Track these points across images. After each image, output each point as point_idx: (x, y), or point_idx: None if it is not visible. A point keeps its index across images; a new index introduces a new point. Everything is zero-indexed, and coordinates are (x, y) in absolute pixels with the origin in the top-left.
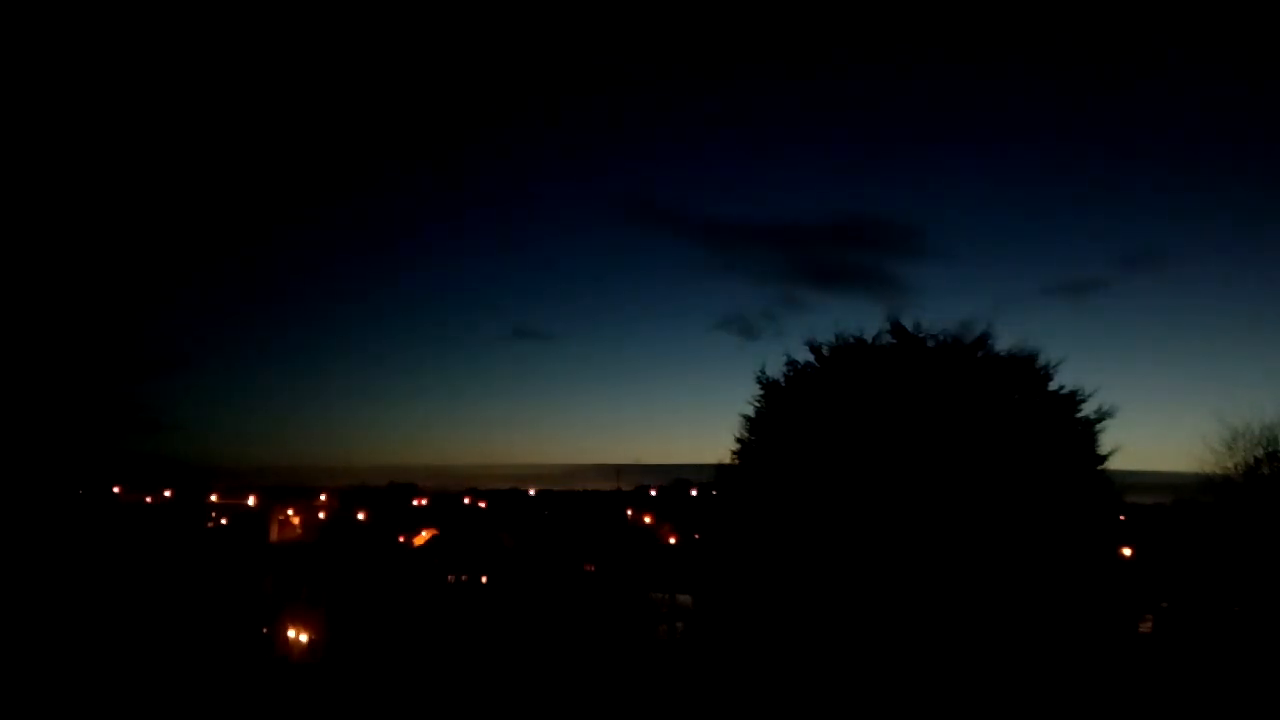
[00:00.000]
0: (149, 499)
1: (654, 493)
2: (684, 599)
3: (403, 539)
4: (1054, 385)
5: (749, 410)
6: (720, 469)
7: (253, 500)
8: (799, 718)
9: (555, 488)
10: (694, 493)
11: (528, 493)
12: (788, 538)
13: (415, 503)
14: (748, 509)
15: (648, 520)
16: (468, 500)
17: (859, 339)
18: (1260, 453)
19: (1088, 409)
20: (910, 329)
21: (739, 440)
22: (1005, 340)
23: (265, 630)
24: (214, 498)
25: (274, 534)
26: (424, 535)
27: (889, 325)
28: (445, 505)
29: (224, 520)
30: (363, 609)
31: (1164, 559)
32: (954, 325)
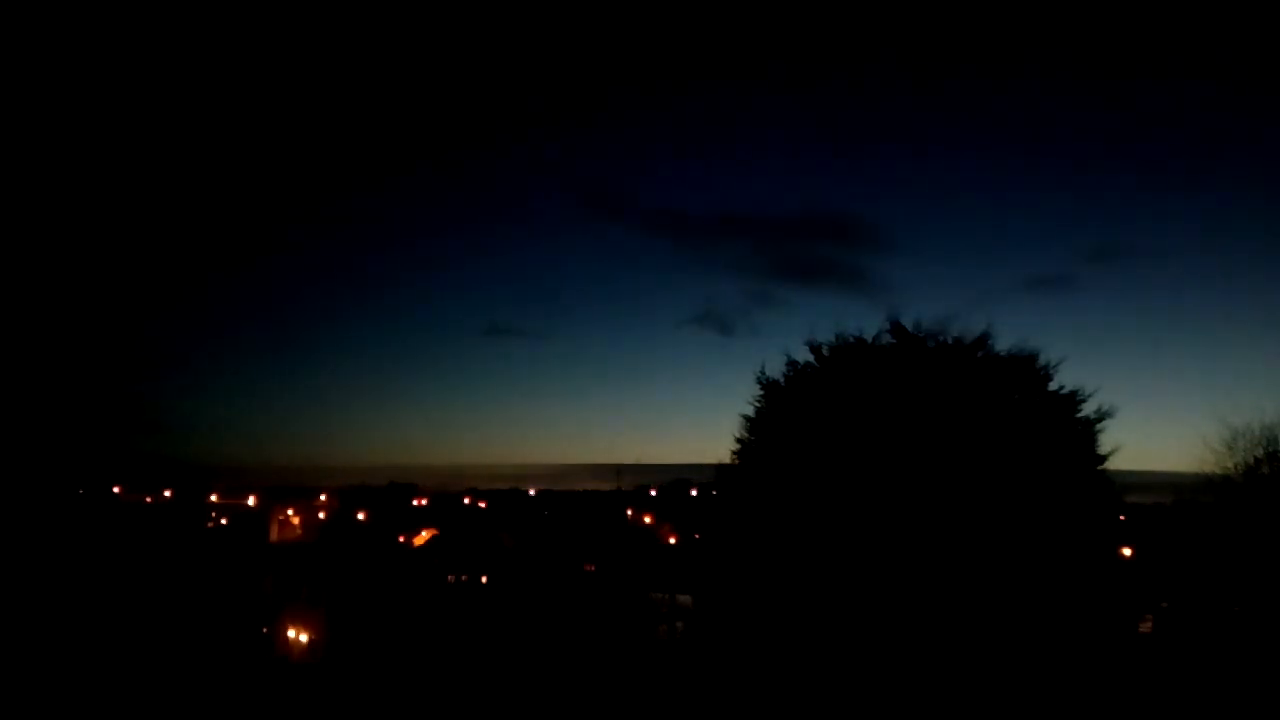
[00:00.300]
0: (149, 499)
1: (654, 493)
2: (684, 599)
3: (403, 539)
4: (1054, 385)
5: (746, 409)
6: (720, 469)
7: (253, 500)
8: (799, 717)
9: (555, 487)
10: (694, 493)
11: (528, 493)
12: (788, 538)
13: (415, 503)
14: (748, 509)
15: (648, 520)
16: (468, 500)
17: (859, 339)
18: (1260, 453)
19: (1088, 409)
20: (910, 329)
21: (739, 440)
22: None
23: (265, 630)
24: (214, 498)
25: (274, 534)
26: (424, 535)
27: (889, 325)
28: (445, 505)
29: (224, 520)
30: (363, 609)
31: (1164, 559)
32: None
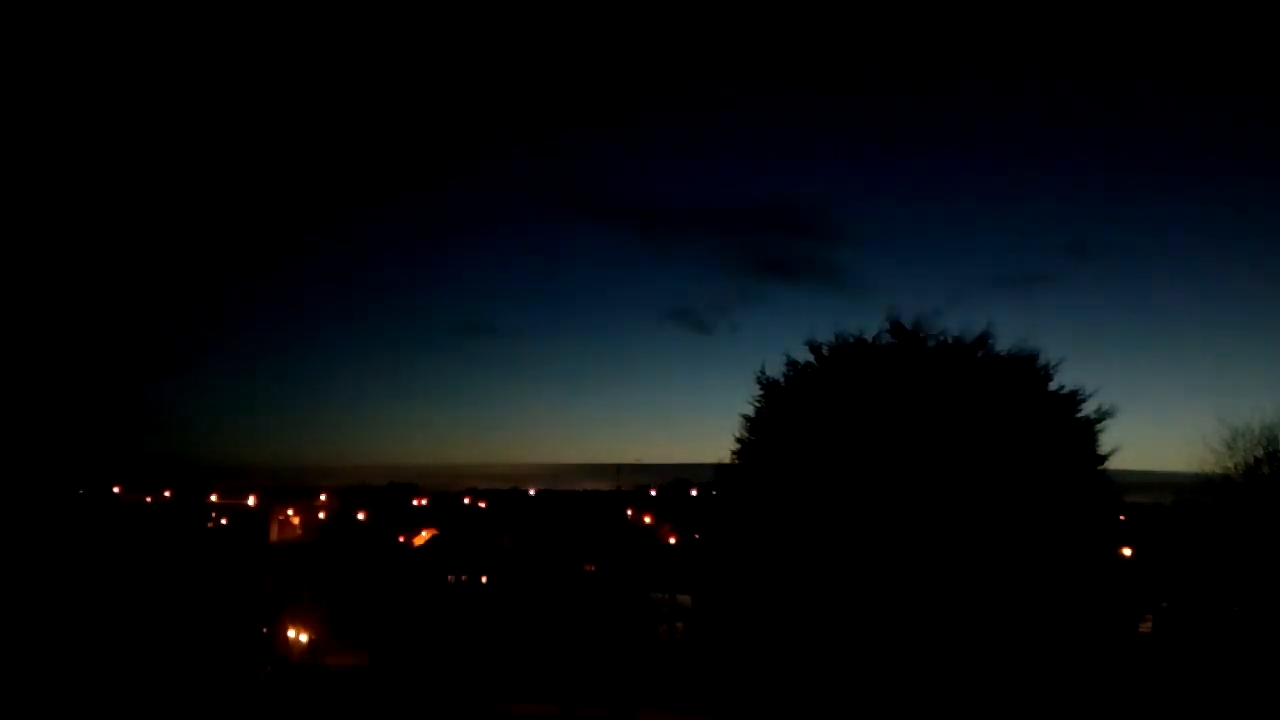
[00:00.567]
0: (149, 499)
1: (654, 493)
2: (684, 599)
3: (403, 539)
4: (1054, 385)
5: (733, 407)
6: (720, 469)
7: (253, 500)
8: (799, 717)
9: (554, 487)
10: (694, 493)
11: (528, 493)
12: (788, 538)
13: (415, 503)
14: (748, 509)
15: (648, 520)
16: (468, 500)
17: (859, 339)
18: (1260, 453)
19: (1088, 409)
20: (910, 329)
21: (739, 440)
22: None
23: (265, 630)
24: (214, 498)
25: (274, 534)
26: (424, 535)
27: (889, 325)
28: (445, 505)
29: (224, 520)
30: (363, 609)
31: (1164, 559)
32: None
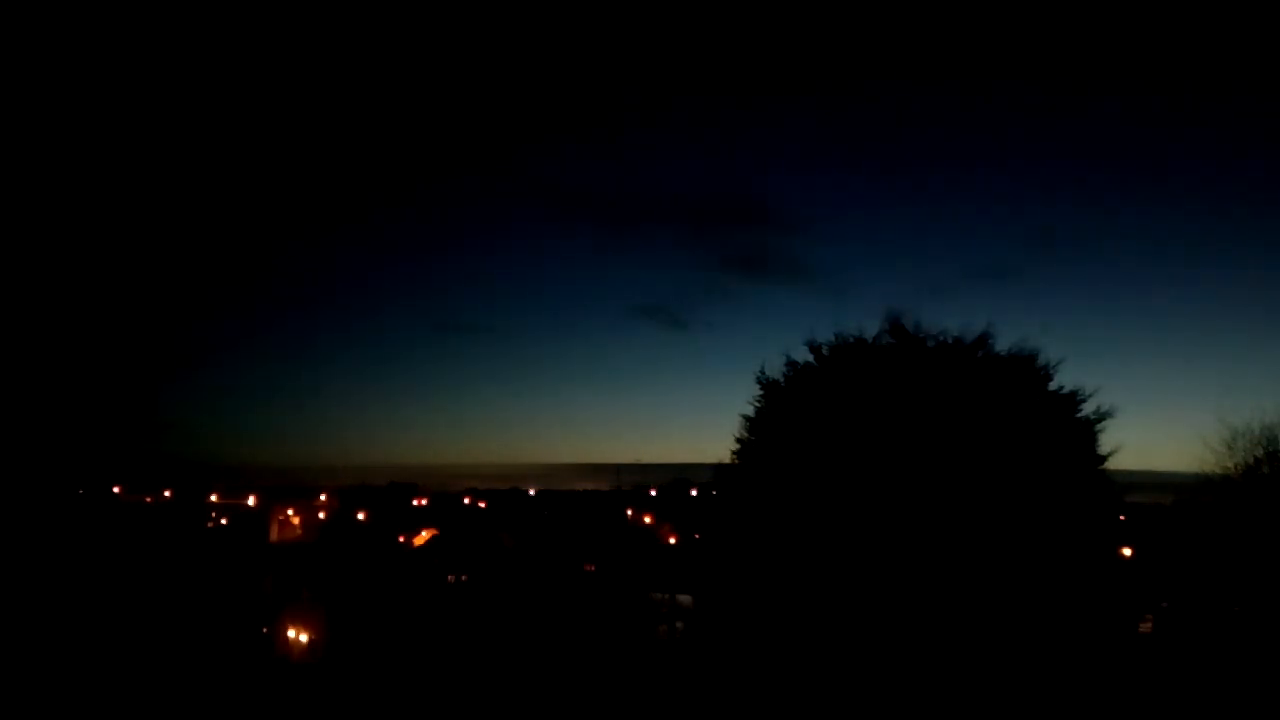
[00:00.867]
0: (149, 499)
1: (654, 493)
2: (684, 599)
3: (403, 539)
4: (1054, 385)
5: (729, 405)
6: (720, 469)
7: (253, 500)
8: (799, 718)
9: (554, 487)
10: (694, 493)
11: (528, 493)
12: (788, 538)
13: (415, 503)
14: (748, 509)
15: (648, 520)
16: (468, 500)
17: (859, 339)
18: (1260, 453)
19: (1088, 409)
20: (910, 329)
21: (739, 440)
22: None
23: (265, 630)
24: (214, 498)
25: (274, 534)
26: (424, 535)
27: (888, 325)
28: (445, 505)
29: (224, 520)
30: (363, 609)
31: (1164, 559)
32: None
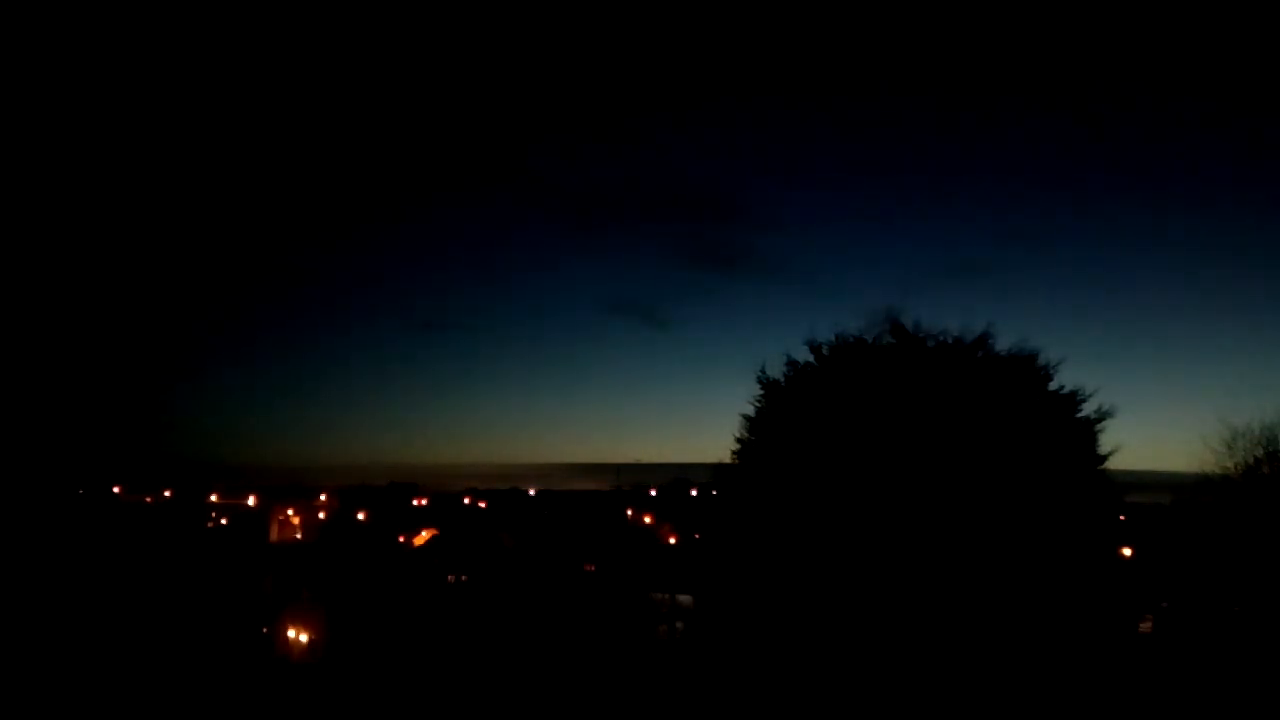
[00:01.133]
0: (149, 499)
1: (654, 493)
2: (684, 599)
3: (403, 539)
4: (1054, 385)
5: (748, 409)
6: (720, 469)
7: (253, 500)
8: (799, 718)
9: (553, 487)
10: (694, 493)
11: (528, 493)
12: (788, 537)
13: (415, 503)
14: (748, 509)
15: (648, 520)
16: (468, 500)
17: (859, 338)
18: (1260, 453)
19: (1088, 409)
20: (910, 329)
21: (739, 440)
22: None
23: (265, 630)
24: (214, 498)
25: (274, 534)
26: (424, 535)
27: (888, 325)
28: (445, 505)
29: (224, 520)
30: (363, 609)
31: (1164, 559)
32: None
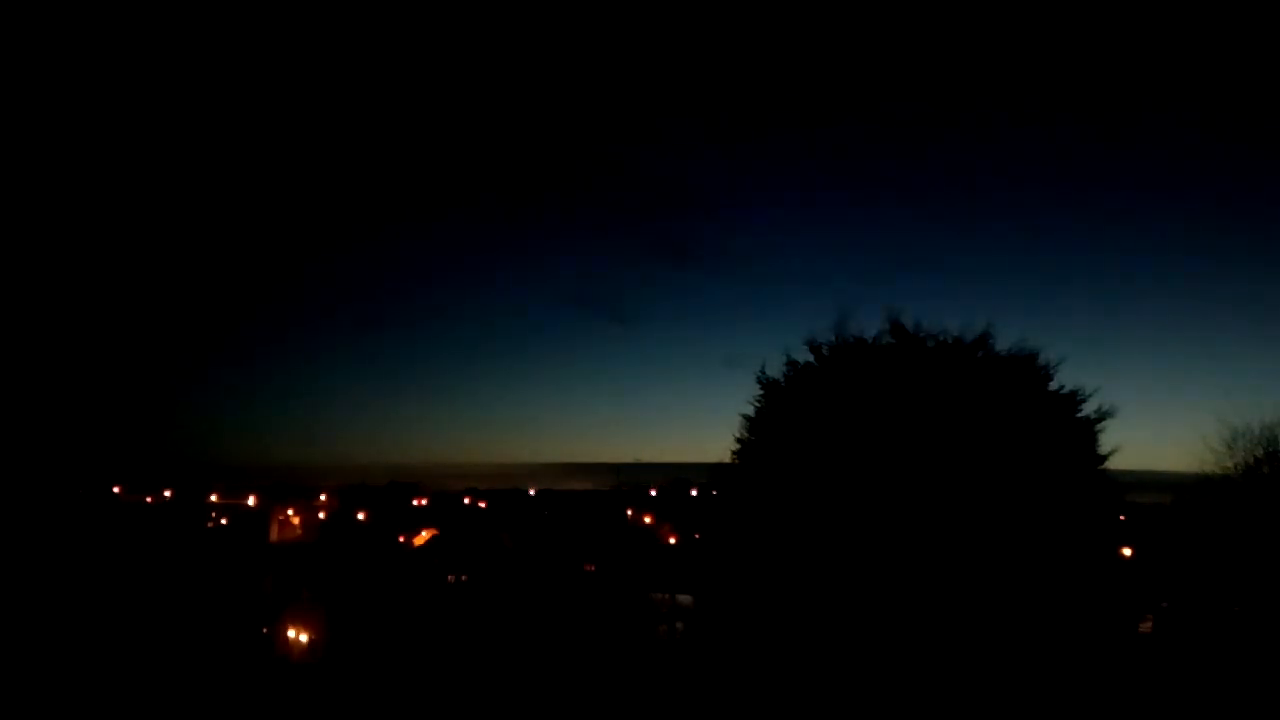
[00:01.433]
0: (149, 499)
1: (654, 493)
2: (684, 599)
3: (403, 539)
4: (1054, 385)
5: (748, 409)
6: (720, 469)
7: (253, 500)
8: (799, 718)
9: (554, 487)
10: (694, 493)
11: (528, 493)
12: (788, 537)
13: (415, 503)
14: (748, 509)
15: (648, 520)
16: (468, 500)
17: (859, 338)
18: (1260, 453)
19: (1088, 409)
20: (910, 329)
21: (739, 440)
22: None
23: (265, 630)
24: (214, 498)
25: (274, 534)
26: (424, 535)
27: (889, 325)
28: (445, 505)
29: (224, 520)
30: (363, 609)
31: (1164, 559)
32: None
